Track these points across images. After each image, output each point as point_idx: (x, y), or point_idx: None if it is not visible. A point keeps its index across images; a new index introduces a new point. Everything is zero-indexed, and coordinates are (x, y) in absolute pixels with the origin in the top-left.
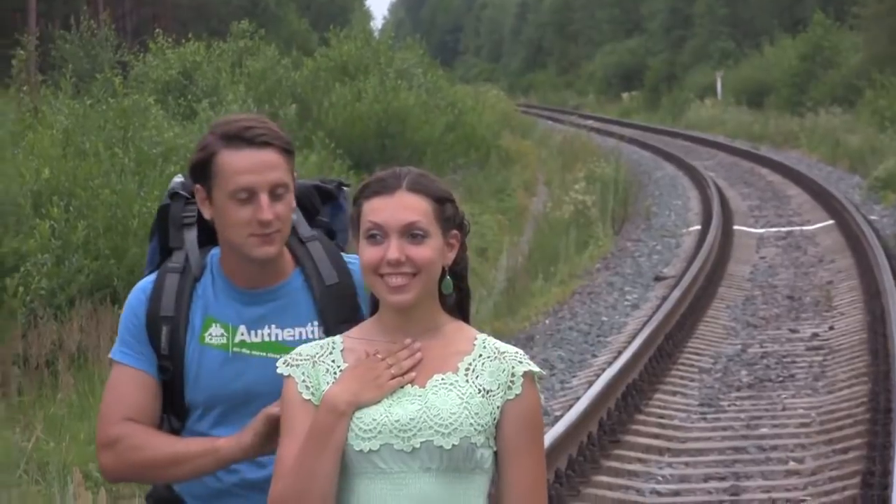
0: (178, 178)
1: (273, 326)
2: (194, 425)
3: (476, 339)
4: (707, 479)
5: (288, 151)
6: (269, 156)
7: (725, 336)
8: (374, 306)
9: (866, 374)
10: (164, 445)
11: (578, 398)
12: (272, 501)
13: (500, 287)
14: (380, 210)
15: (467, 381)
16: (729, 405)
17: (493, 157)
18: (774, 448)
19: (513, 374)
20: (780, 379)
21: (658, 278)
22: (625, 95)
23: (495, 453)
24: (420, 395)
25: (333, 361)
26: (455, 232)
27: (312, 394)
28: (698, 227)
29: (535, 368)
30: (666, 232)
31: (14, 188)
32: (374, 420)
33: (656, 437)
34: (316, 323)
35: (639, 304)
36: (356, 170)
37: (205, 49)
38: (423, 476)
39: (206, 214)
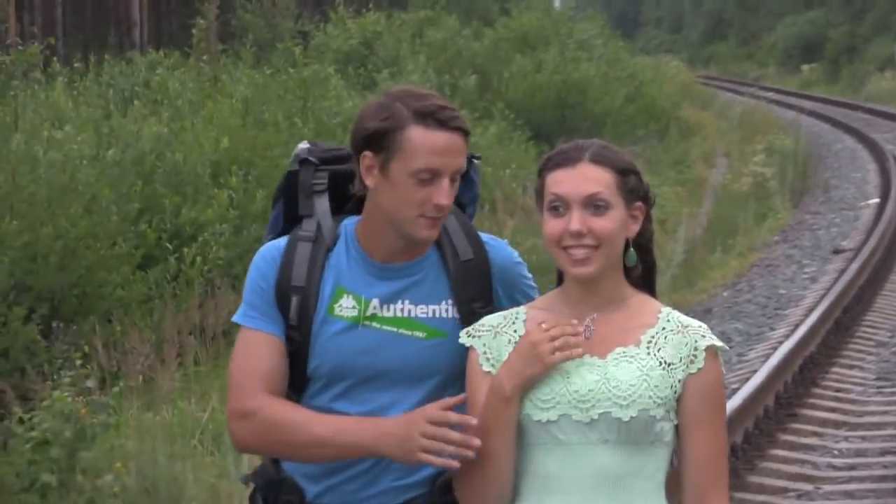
0: (304, 144)
1: (407, 302)
2: (313, 398)
3: (660, 312)
4: (883, 453)
5: (468, 136)
6: (458, 140)
7: None
8: (560, 278)
9: None
10: (310, 425)
11: (755, 371)
12: (457, 479)
13: (679, 259)
14: (562, 182)
15: (648, 353)
16: None
17: (673, 128)
18: None
19: (695, 348)
20: None
21: (836, 251)
22: (804, 67)
23: (676, 427)
24: (600, 367)
25: (515, 331)
26: (639, 204)
27: (493, 366)
28: (877, 200)
29: (718, 343)
30: (845, 205)
31: (193, 157)
32: (553, 390)
33: (833, 410)
34: (450, 301)
35: (817, 277)
36: (535, 140)
37: (385, 19)
38: (601, 447)
39: (369, 183)
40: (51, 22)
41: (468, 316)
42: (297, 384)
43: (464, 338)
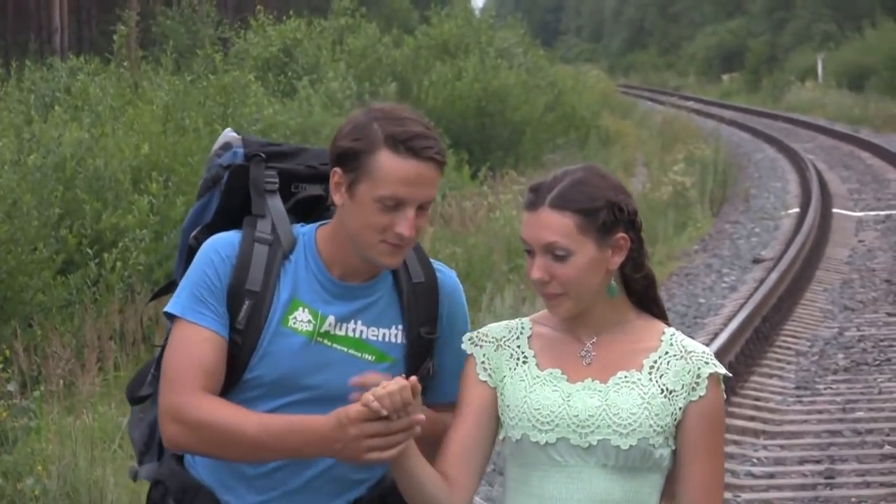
0: (232, 132)
1: (360, 322)
2: (247, 404)
3: (664, 334)
4: (802, 461)
5: (443, 166)
6: (429, 171)
7: (822, 319)
8: None
9: None
10: (247, 426)
11: None
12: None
13: None
14: (526, 226)
15: (650, 379)
16: (825, 388)
17: (593, 137)
18: (870, 431)
19: (698, 376)
20: (877, 363)
21: (756, 260)
22: (725, 77)
23: (673, 451)
24: (601, 391)
25: (519, 347)
26: (621, 235)
27: (490, 376)
28: (797, 209)
29: (722, 370)
30: (765, 214)
31: (114, 163)
32: (553, 412)
33: (752, 419)
34: (400, 327)
35: (736, 286)
36: (455, 148)
37: (306, 26)
38: (598, 472)
39: (336, 200)
40: None
41: (415, 341)
42: (226, 384)
43: (466, 344)
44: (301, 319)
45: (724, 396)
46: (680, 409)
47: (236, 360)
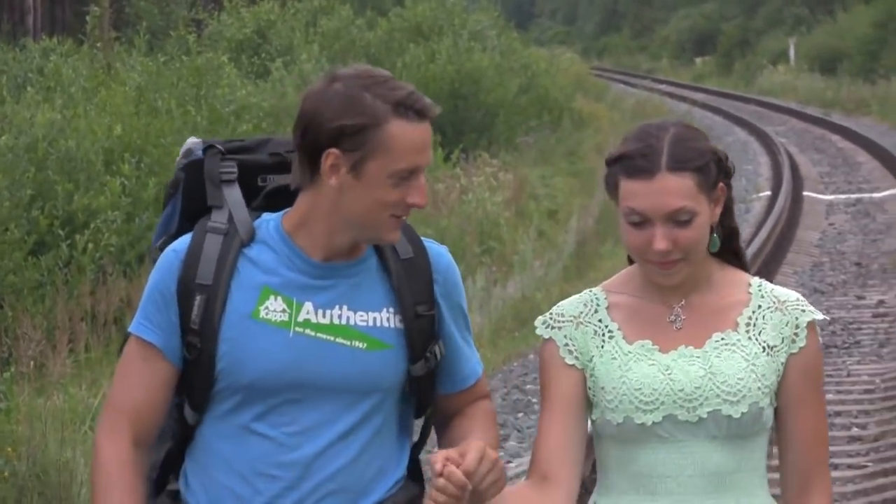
0: (194, 139)
1: (345, 307)
2: (225, 419)
3: (751, 285)
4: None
5: None
6: (429, 129)
7: None
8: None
9: None
10: None
11: None
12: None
13: (570, 249)
14: (639, 196)
15: (750, 338)
16: None
17: (566, 119)
18: (838, 414)
19: (797, 326)
20: (846, 345)
21: None
22: (698, 60)
23: (775, 409)
24: (700, 357)
25: (600, 321)
26: (721, 185)
27: (577, 358)
28: (768, 192)
29: (819, 315)
30: (736, 197)
31: (86, 145)
32: (655, 390)
33: None
34: (392, 310)
35: None
36: None
37: (279, 8)
38: (708, 444)
39: (332, 182)
40: None
41: (413, 321)
42: (199, 401)
43: (541, 328)
44: (274, 309)
45: (820, 341)
46: (782, 363)
47: (199, 367)
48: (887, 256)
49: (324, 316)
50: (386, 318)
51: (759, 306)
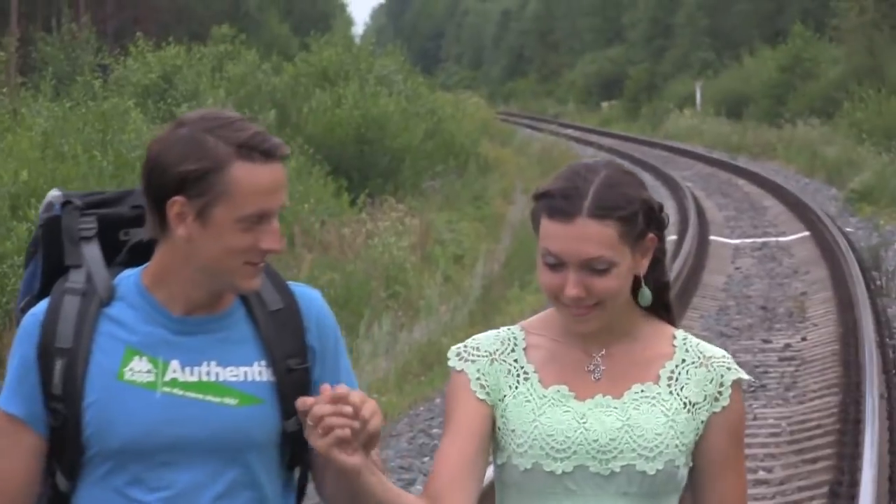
0: (56, 191)
1: (213, 363)
2: (98, 485)
3: (675, 338)
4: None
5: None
6: (282, 171)
7: None
8: None
9: (837, 384)
10: None
11: None
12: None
13: (476, 294)
14: (557, 238)
15: (671, 392)
16: None
17: (472, 164)
18: (745, 457)
19: (721, 384)
20: (752, 389)
21: None
22: (604, 105)
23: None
24: (618, 409)
25: (516, 361)
26: (650, 236)
27: (488, 394)
28: (674, 237)
29: (745, 375)
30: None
31: None
32: (568, 438)
33: None
34: (263, 363)
35: None
36: (334, 175)
37: (185, 53)
38: (618, 500)
39: (180, 232)
40: None
41: (285, 375)
42: (71, 468)
43: (453, 360)
44: (139, 369)
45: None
46: (702, 422)
47: (66, 433)
48: (793, 300)
49: (191, 373)
50: (257, 371)
51: (683, 360)
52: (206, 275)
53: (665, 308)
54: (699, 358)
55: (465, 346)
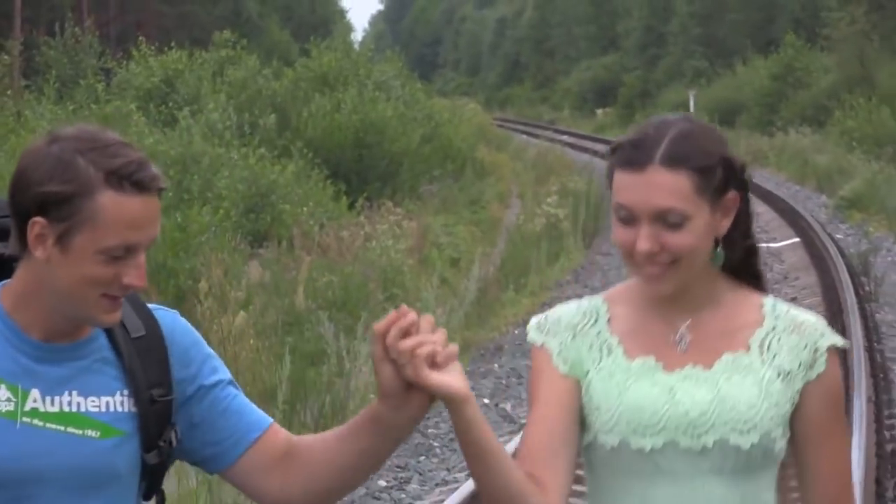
0: None
1: (75, 393)
2: None
3: (763, 305)
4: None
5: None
6: (156, 204)
7: None
8: None
9: None
10: None
11: None
12: None
13: (471, 297)
14: (627, 189)
15: (763, 361)
16: None
17: (469, 169)
18: None
19: (815, 350)
20: None
21: None
22: (599, 111)
23: (788, 440)
24: (709, 381)
25: (599, 334)
26: (731, 195)
27: (571, 368)
28: None
29: (840, 341)
30: None
31: None
32: (657, 412)
33: None
34: (126, 392)
35: None
36: (333, 179)
37: (187, 58)
38: (713, 477)
39: (38, 254)
40: None
41: (148, 406)
42: None
43: (533, 333)
44: None
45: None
46: (797, 391)
47: None
48: None
49: (52, 403)
50: (119, 401)
51: (774, 327)
52: (61, 302)
53: (753, 275)
54: (791, 324)
55: (546, 318)
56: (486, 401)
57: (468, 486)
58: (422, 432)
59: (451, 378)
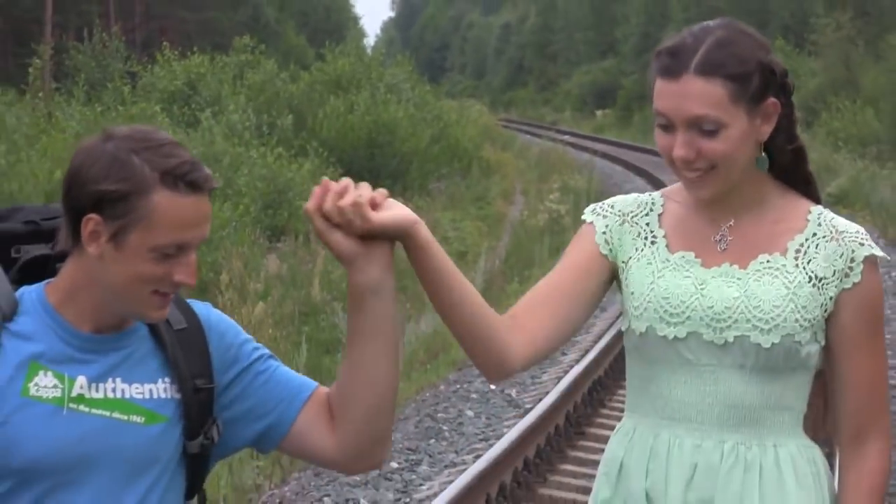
0: None
1: (119, 380)
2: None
3: (810, 213)
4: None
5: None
6: (207, 204)
7: None
8: None
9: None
10: None
11: (548, 392)
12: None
13: (478, 288)
14: (664, 96)
15: (797, 265)
16: None
17: (475, 167)
18: None
19: (852, 259)
20: None
21: None
22: (598, 113)
23: (823, 348)
24: (740, 279)
25: (648, 225)
26: (771, 100)
27: (610, 250)
28: None
29: (879, 252)
30: None
31: (28, 188)
32: (683, 303)
33: None
34: (168, 380)
35: (606, 306)
36: (347, 176)
37: (208, 62)
38: (734, 373)
39: (92, 251)
40: None
41: (191, 394)
42: None
43: (587, 213)
44: (45, 385)
45: (882, 281)
46: (831, 298)
47: None
48: None
49: (97, 390)
50: (162, 388)
51: (814, 234)
52: (112, 297)
53: (804, 180)
54: (831, 232)
55: (602, 203)
56: (492, 386)
57: (476, 467)
58: (432, 416)
59: (396, 210)
